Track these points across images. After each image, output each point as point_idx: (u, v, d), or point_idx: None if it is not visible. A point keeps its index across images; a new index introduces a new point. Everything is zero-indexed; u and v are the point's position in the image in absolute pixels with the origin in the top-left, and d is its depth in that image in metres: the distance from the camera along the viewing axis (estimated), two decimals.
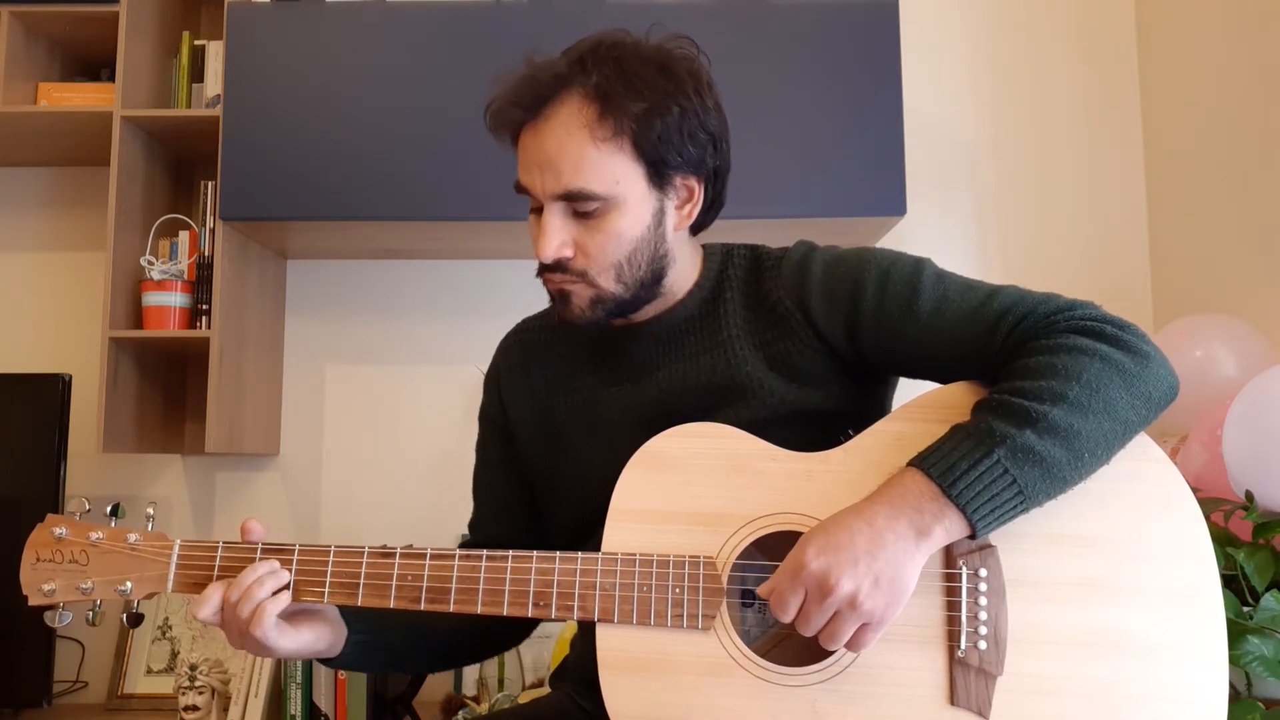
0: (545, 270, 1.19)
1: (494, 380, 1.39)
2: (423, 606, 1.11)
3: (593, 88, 1.13)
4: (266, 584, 1.10)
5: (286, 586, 1.11)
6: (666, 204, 1.19)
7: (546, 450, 1.31)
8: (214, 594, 1.10)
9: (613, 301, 1.19)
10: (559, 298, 1.20)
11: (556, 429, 1.30)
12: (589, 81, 1.13)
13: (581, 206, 1.14)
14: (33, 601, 1.13)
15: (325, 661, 1.20)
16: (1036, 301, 1.12)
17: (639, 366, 1.26)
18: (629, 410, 1.23)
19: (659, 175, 1.16)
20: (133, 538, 1.14)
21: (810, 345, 1.20)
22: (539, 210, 1.17)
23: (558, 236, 1.15)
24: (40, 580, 1.13)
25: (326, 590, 1.12)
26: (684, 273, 1.25)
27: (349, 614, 1.20)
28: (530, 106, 1.15)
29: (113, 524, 1.17)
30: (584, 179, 1.13)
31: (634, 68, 1.14)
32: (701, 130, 1.17)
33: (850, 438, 1.13)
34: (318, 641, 1.16)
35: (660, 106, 1.13)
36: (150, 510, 1.20)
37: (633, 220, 1.16)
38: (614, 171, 1.13)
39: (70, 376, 2.17)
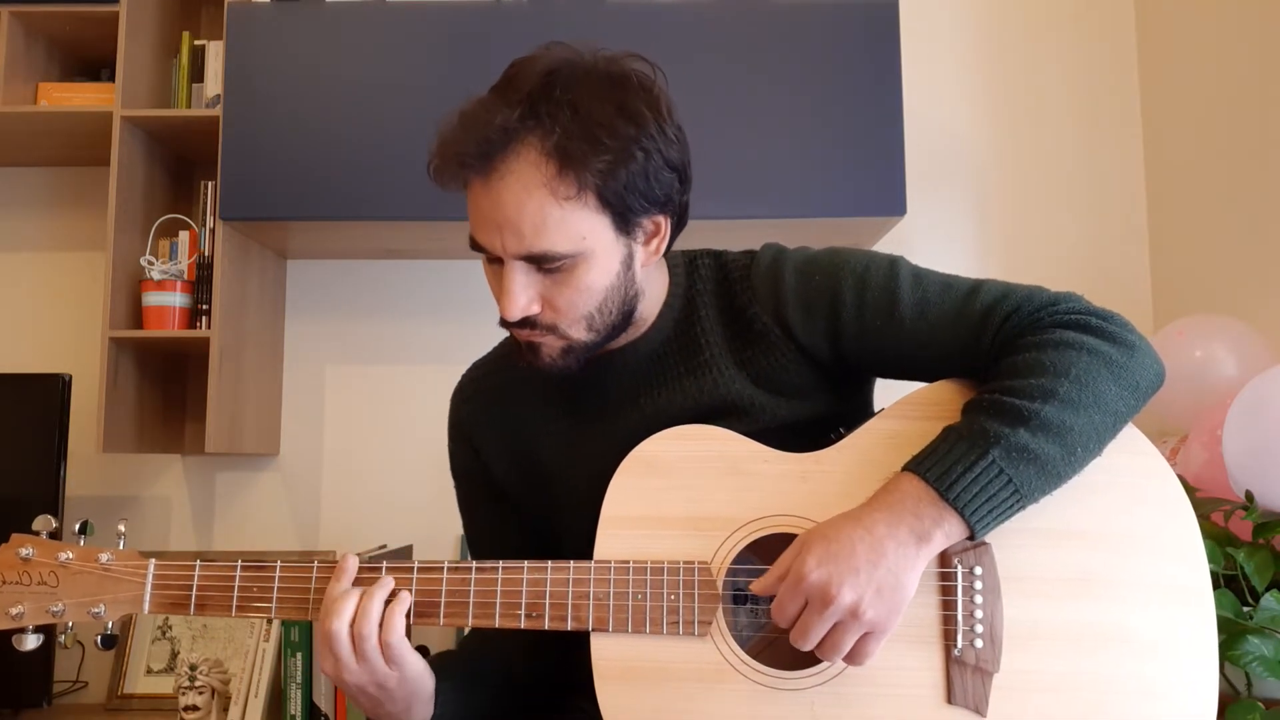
0: (511, 324, 1.12)
1: (463, 435, 1.33)
2: (411, 621, 1.08)
3: (552, 145, 1.03)
4: (376, 596, 1.06)
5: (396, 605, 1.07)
6: (634, 246, 1.12)
7: (536, 496, 1.28)
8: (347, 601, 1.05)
9: (584, 349, 1.13)
10: (528, 349, 1.14)
11: (541, 474, 1.26)
12: (548, 137, 1.04)
13: (547, 265, 1.07)
14: (0, 626, 1.09)
15: None
16: (1021, 298, 1.11)
17: (619, 397, 1.22)
18: (615, 443, 1.15)
19: (625, 222, 1.09)
20: (104, 557, 1.10)
21: (793, 359, 1.18)
22: (498, 261, 1.10)
23: (523, 295, 1.08)
24: (7, 603, 1.08)
25: (310, 605, 1.09)
26: (653, 297, 1.21)
27: (433, 664, 1.15)
28: (479, 161, 1.05)
29: (81, 542, 1.13)
30: (548, 240, 1.05)
31: (592, 113, 1.04)
32: (666, 168, 1.09)
33: (841, 436, 1.13)
34: (427, 678, 1.11)
35: (624, 155, 1.05)
36: (121, 528, 1.15)
37: (601, 271, 1.09)
38: (578, 227, 1.06)
39: (70, 376, 2.17)
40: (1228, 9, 2.21)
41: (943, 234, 2.53)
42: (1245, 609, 1.50)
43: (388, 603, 1.07)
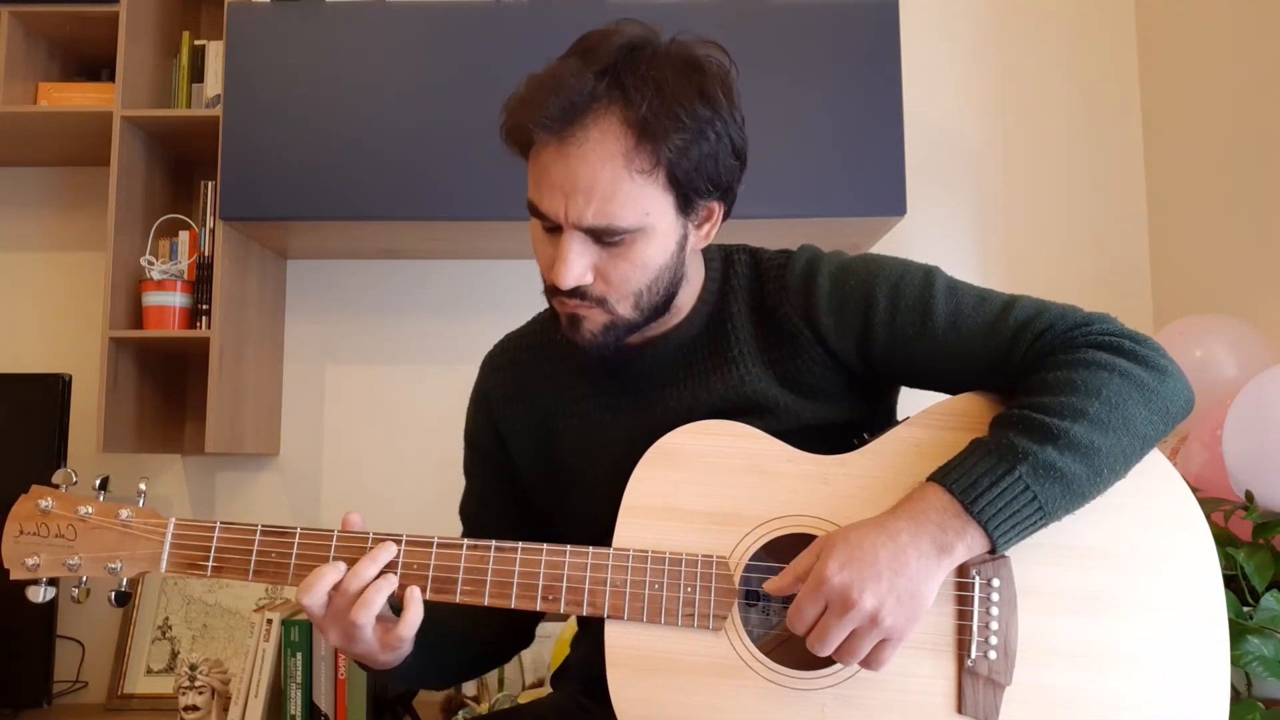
0: (558, 293, 1.11)
1: (484, 406, 1.33)
2: (428, 596, 1.09)
3: (634, 116, 1.04)
4: (383, 589, 1.06)
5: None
6: (690, 228, 1.14)
7: (549, 478, 1.28)
8: (322, 577, 1.05)
9: (625, 328, 1.13)
10: (569, 321, 1.14)
11: (559, 456, 1.26)
12: (632, 108, 1.04)
13: (607, 238, 1.07)
14: (14, 576, 1.09)
15: (381, 672, 1.16)
16: (1054, 316, 1.11)
17: (645, 387, 1.22)
18: (636, 433, 1.16)
19: (687, 203, 1.10)
20: (124, 514, 1.11)
21: (821, 362, 1.18)
22: (553, 229, 1.10)
23: (578, 264, 1.08)
24: (23, 554, 1.09)
25: None
26: (691, 286, 1.21)
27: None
28: (558, 123, 1.04)
29: (101, 498, 1.13)
30: (614, 214, 1.05)
31: (675, 90, 1.05)
32: (732, 154, 1.11)
33: (865, 441, 1.13)
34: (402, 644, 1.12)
35: (699, 135, 1.06)
36: (142, 486, 1.16)
37: (658, 249, 1.10)
38: (645, 203, 1.06)
39: (70, 376, 2.17)
40: (1228, 9, 2.22)
41: (943, 234, 2.53)
42: (1245, 609, 1.50)
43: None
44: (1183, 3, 2.40)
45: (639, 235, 1.08)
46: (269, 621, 2.06)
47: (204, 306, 2.22)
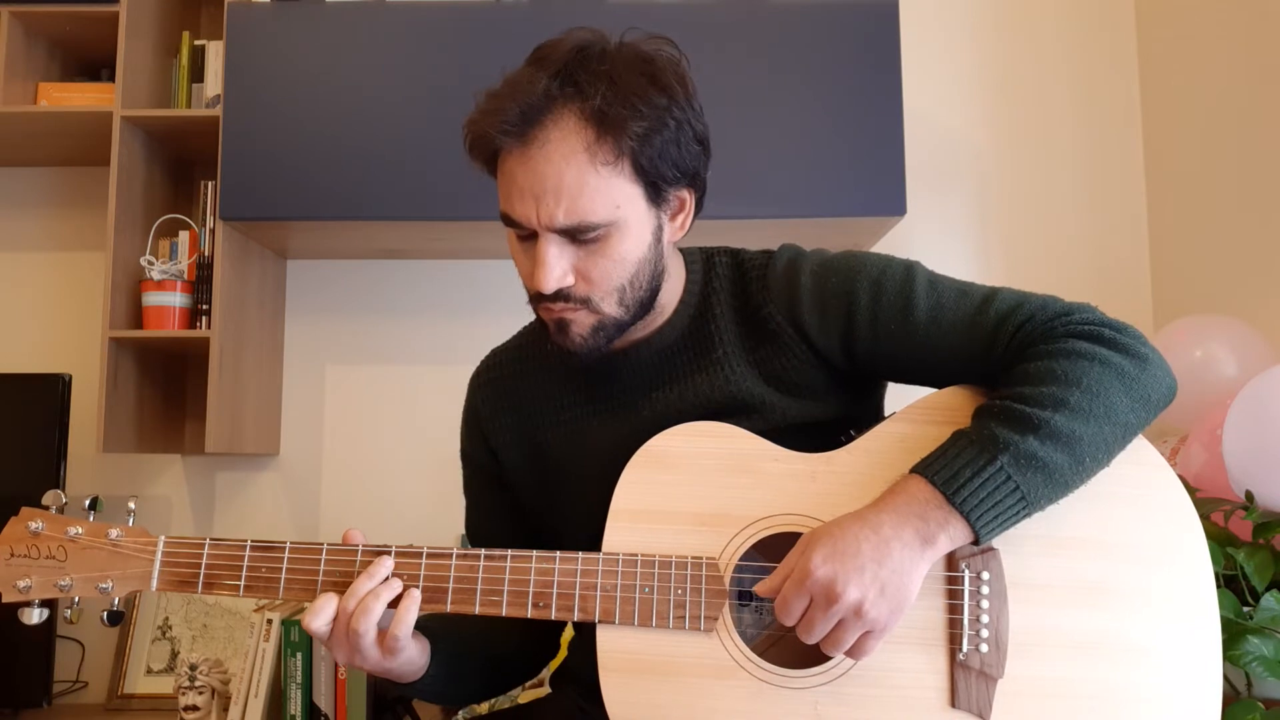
0: (543, 299, 1.12)
1: (474, 421, 1.34)
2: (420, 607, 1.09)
3: (591, 110, 1.05)
4: (382, 596, 1.06)
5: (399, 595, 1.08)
6: (663, 219, 1.14)
7: (541, 488, 1.28)
8: (329, 604, 1.06)
9: (614, 327, 1.14)
10: (557, 327, 1.14)
11: (549, 465, 1.27)
12: (587, 102, 1.05)
13: (582, 236, 1.08)
14: (6, 599, 1.09)
15: (405, 687, 1.17)
16: (1035, 307, 1.11)
17: (631, 391, 1.22)
18: (625, 438, 1.16)
19: (656, 192, 1.11)
20: (114, 533, 1.11)
21: (805, 359, 1.18)
22: (528, 237, 1.11)
23: (558, 266, 1.09)
24: (15, 576, 1.09)
25: (318, 588, 1.09)
26: (672, 285, 1.22)
27: (430, 638, 1.16)
28: (518, 128, 1.06)
29: (91, 518, 1.13)
30: (585, 210, 1.06)
31: (628, 82, 1.07)
32: (694, 140, 1.12)
33: (852, 438, 1.13)
34: (420, 657, 1.13)
35: (658, 122, 1.07)
36: (131, 505, 1.16)
37: (634, 242, 1.10)
38: (614, 195, 1.07)
39: (70, 376, 2.17)
40: (1228, 9, 2.22)
41: (943, 234, 2.53)
42: (1245, 609, 1.50)
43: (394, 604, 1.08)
44: (1183, 3, 2.40)
45: (613, 229, 1.08)
46: (269, 621, 2.06)
47: (204, 306, 2.22)
